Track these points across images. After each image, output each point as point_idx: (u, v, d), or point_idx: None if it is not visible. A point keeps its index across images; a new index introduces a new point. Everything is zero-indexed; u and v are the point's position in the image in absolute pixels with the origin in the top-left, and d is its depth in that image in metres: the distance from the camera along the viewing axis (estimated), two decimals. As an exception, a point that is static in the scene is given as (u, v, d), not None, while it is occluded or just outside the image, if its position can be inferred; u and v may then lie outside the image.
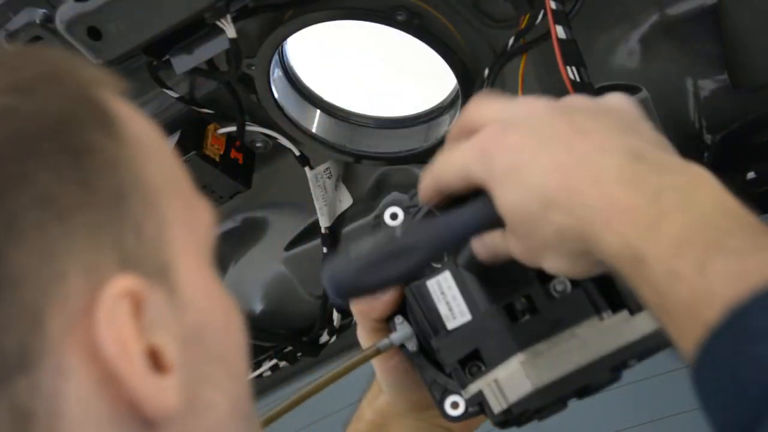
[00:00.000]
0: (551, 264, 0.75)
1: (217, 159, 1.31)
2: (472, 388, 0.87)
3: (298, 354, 1.53)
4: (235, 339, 0.63)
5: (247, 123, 1.32)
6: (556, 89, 1.10)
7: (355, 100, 1.36)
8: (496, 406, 0.86)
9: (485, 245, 0.81)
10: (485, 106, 0.77)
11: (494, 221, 0.77)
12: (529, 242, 0.75)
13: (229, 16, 1.07)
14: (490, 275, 0.87)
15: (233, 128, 1.32)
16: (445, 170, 0.78)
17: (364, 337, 0.93)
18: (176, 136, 1.32)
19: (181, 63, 1.13)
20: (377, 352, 0.90)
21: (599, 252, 0.70)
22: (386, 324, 0.92)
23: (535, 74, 1.22)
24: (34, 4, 1.07)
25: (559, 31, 1.01)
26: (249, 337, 0.66)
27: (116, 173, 0.58)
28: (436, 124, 1.34)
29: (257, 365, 1.56)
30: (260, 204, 1.47)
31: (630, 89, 1.24)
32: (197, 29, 1.11)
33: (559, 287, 0.87)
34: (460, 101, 1.27)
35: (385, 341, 0.90)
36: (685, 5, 1.18)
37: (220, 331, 0.62)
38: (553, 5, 1.02)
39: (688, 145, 1.27)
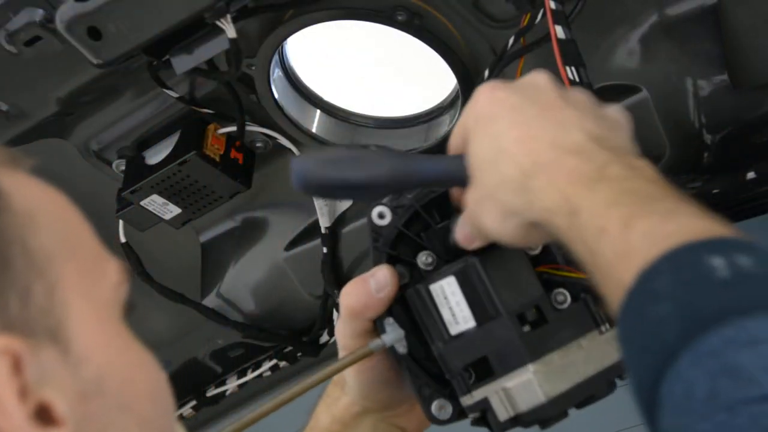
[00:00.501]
0: (487, 220, 0.79)
1: (217, 159, 1.31)
2: (477, 395, 0.87)
3: (298, 354, 1.53)
4: (144, 389, 0.66)
5: (247, 123, 1.32)
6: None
7: (355, 100, 1.36)
8: (503, 413, 0.87)
9: (462, 229, 0.85)
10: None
11: (461, 175, 0.80)
12: (477, 192, 0.80)
13: (229, 16, 1.07)
14: (497, 283, 0.87)
15: (233, 128, 1.32)
16: (454, 132, 0.83)
17: (348, 337, 0.92)
18: (176, 136, 1.32)
19: (181, 63, 1.13)
20: (370, 352, 0.90)
21: (537, 206, 0.74)
22: (374, 326, 0.91)
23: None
24: (34, 4, 1.07)
25: (559, 31, 1.01)
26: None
27: None
28: (436, 124, 1.34)
29: (257, 365, 1.56)
30: (260, 204, 1.47)
31: (630, 89, 1.24)
32: (197, 29, 1.11)
33: (560, 298, 0.88)
34: (460, 101, 1.27)
35: (378, 342, 0.90)
36: (685, 5, 1.18)
37: (125, 383, 0.65)
38: (552, 5, 1.02)
39: (688, 145, 1.27)
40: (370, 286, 0.90)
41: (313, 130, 1.34)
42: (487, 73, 1.14)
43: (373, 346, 0.90)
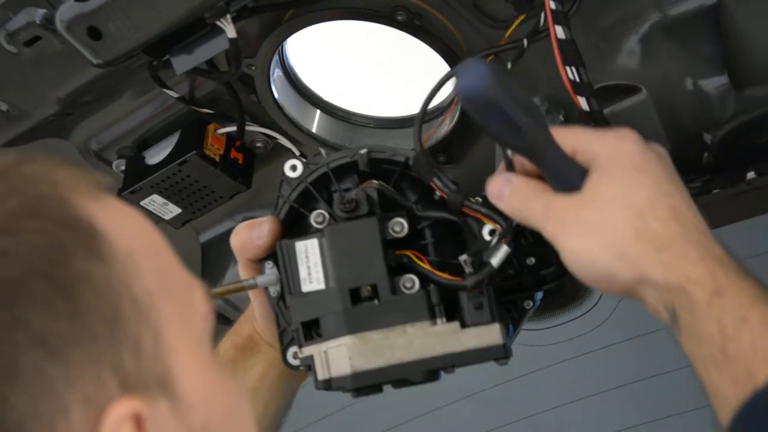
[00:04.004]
0: (579, 242, 0.84)
1: (217, 159, 1.31)
2: (306, 351, 0.94)
3: (298, 354, 1.53)
4: (241, 424, 0.66)
5: (247, 123, 1.32)
6: (555, 89, 1.10)
7: (355, 100, 1.36)
8: (321, 374, 0.93)
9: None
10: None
11: (573, 183, 0.86)
12: (591, 214, 0.83)
13: (229, 16, 1.07)
14: (351, 255, 0.93)
15: (233, 128, 1.32)
16: (573, 138, 0.88)
17: (240, 270, 1.00)
18: (176, 136, 1.32)
19: (181, 63, 1.13)
20: (241, 288, 0.98)
21: (672, 271, 0.79)
22: (260, 264, 0.99)
23: (536, 74, 1.22)
24: (34, 4, 1.07)
25: (559, 32, 1.01)
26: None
27: (108, 297, 0.58)
28: (436, 124, 1.34)
29: (257, 365, 1.56)
30: (260, 204, 1.47)
31: (630, 89, 1.24)
32: (197, 29, 1.11)
33: (408, 284, 0.93)
34: (460, 101, 1.27)
35: (251, 281, 0.98)
36: (685, 5, 1.18)
37: (225, 422, 0.64)
38: (552, 5, 1.02)
39: (688, 145, 1.27)
40: (253, 232, 0.98)
41: (313, 130, 1.34)
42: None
43: (246, 283, 0.98)
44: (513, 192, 0.89)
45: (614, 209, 0.82)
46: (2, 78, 1.16)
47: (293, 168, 1.01)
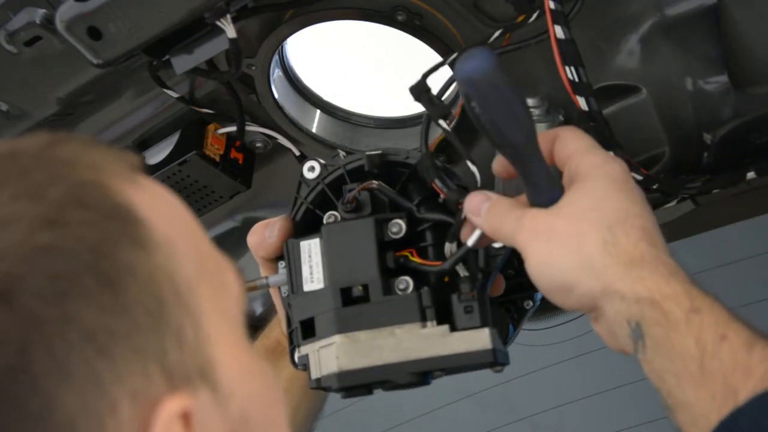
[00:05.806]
0: (551, 251, 0.83)
1: (217, 159, 1.31)
2: (303, 350, 0.95)
3: (298, 354, 1.53)
4: (277, 409, 0.66)
5: (247, 123, 1.32)
6: (555, 89, 1.10)
7: (355, 100, 1.36)
8: (314, 372, 0.93)
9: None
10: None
11: (551, 195, 0.86)
12: (565, 223, 0.83)
13: (229, 16, 1.07)
14: (346, 255, 0.94)
15: (233, 128, 1.32)
16: (563, 150, 0.89)
17: (261, 269, 1.01)
18: (176, 136, 1.32)
19: (181, 63, 1.13)
20: (254, 287, 0.99)
21: (643, 285, 0.79)
22: (275, 263, 1.00)
23: (535, 74, 1.22)
24: (34, 4, 1.07)
25: (558, 31, 1.01)
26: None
27: (152, 288, 0.58)
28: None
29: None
30: (260, 204, 1.47)
31: (630, 89, 1.24)
32: (197, 29, 1.11)
33: (402, 286, 0.93)
34: (459, 101, 1.27)
35: (262, 281, 0.99)
36: (685, 5, 1.18)
37: (263, 409, 0.64)
38: (552, 5, 1.02)
39: (688, 145, 1.27)
40: (266, 231, 0.99)
41: (313, 130, 1.34)
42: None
43: (258, 282, 0.99)
44: (491, 207, 0.89)
45: (585, 220, 0.82)
46: (2, 78, 1.16)
47: (311, 169, 1.01)
